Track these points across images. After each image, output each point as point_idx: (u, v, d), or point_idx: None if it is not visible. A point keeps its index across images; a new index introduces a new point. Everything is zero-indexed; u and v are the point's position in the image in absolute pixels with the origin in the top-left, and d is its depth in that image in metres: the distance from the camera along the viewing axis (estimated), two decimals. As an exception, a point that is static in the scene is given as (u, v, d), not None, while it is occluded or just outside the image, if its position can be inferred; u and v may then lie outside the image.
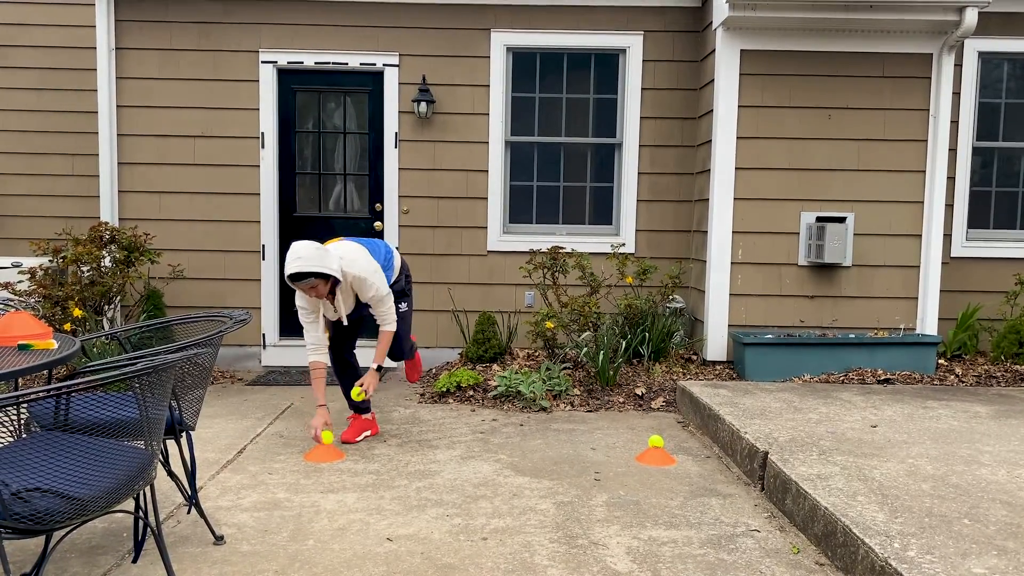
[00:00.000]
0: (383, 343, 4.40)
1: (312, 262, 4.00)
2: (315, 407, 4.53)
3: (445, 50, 6.44)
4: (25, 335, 2.94)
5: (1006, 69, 6.37)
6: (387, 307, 4.37)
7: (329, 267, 4.06)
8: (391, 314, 4.39)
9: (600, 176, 6.65)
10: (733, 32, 5.81)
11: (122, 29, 6.38)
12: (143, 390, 2.44)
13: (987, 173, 6.46)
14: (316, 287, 4.08)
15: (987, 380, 5.63)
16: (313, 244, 4.07)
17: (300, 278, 4.01)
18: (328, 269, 4.05)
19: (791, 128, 5.91)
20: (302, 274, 4.00)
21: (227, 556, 3.02)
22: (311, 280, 4.03)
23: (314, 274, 4.02)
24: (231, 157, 6.47)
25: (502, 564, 2.97)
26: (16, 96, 7.15)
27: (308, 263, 3.99)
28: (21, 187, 7.19)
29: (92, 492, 2.29)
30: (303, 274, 4.00)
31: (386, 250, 4.56)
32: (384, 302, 4.35)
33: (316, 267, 4.00)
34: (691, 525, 3.36)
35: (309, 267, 3.99)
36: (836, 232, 5.77)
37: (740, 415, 4.47)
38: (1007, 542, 2.76)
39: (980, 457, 3.76)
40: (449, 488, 3.79)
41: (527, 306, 6.59)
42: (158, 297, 6.24)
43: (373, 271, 4.29)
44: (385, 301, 4.35)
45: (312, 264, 3.99)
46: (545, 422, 5.02)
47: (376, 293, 4.29)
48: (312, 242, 4.09)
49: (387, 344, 4.41)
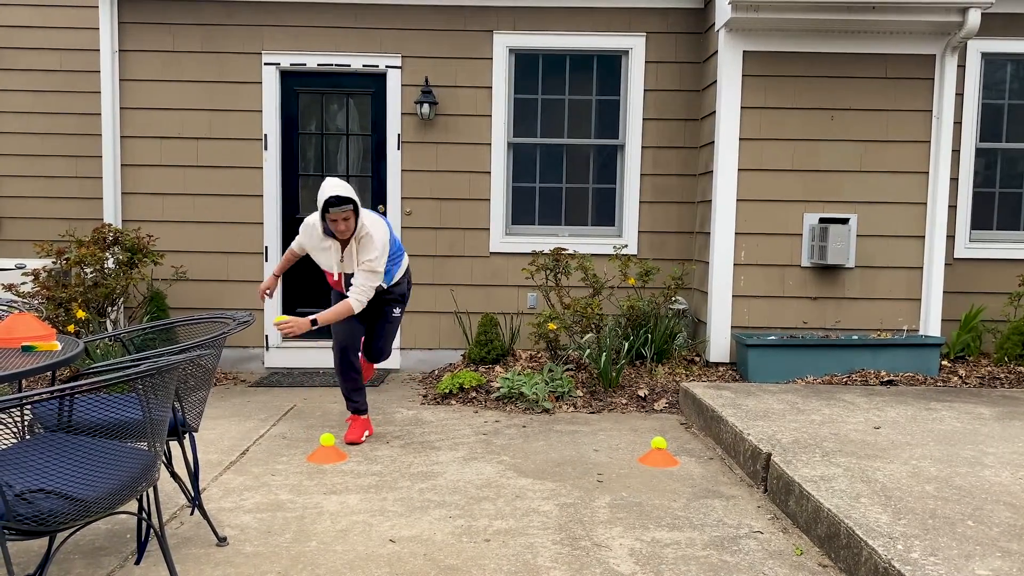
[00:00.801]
0: (340, 310, 4.21)
1: (349, 191, 4.17)
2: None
3: (448, 52, 6.45)
4: (29, 337, 2.95)
5: (1009, 70, 6.36)
6: (368, 283, 4.27)
7: (358, 204, 4.24)
8: (364, 292, 4.27)
9: (602, 177, 6.65)
10: (735, 33, 5.81)
11: (125, 31, 6.39)
12: (146, 392, 2.44)
13: (990, 174, 6.45)
14: (348, 219, 4.19)
15: (991, 381, 5.62)
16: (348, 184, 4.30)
17: (340, 202, 4.12)
18: (359, 204, 4.23)
19: (794, 129, 5.91)
20: (343, 198, 4.12)
21: (230, 557, 3.02)
22: (348, 208, 4.15)
23: (352, 201, 4.15)
24: (234, 159, 6.48)
25: (505, 566, 2.97)
26: (19, 98, 7.17)
27: (348, 190, 4.17)
28: (24, 189, 7.21)
29: (95, 493, 2.30)
30: (345, 198, 4.12)
31: (399, 247, 4.62)
32: (370, 277, 4.28)
33: (349, 194, 4.16)
34: (694, 527, 3.36)
35: (349, 193, 4.16)
36: (839, 233, 5.77)
37: (743, 417, 4.47)
38: (1011, 544, 2.75)
39: (984, 459, 3.75)
40: (452, 489, 3.78)
41: (530, 307, 6.59)
42: (161, 299, 6.25)
43: (383, 240, 4.35)
44: (372, 277, 4.28)
45: (347, 191, 4.16)
46: (548, 423, 5.02)
47: (374, 260, 4.28)
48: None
49: (340, 314, 4.22)
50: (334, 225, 4.21)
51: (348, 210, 4.16)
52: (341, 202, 4.13)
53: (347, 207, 4.14)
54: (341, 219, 4.17)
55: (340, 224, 4.20)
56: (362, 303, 4.28)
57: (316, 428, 4.85)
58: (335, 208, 4.14)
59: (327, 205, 4.14)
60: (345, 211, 4.15)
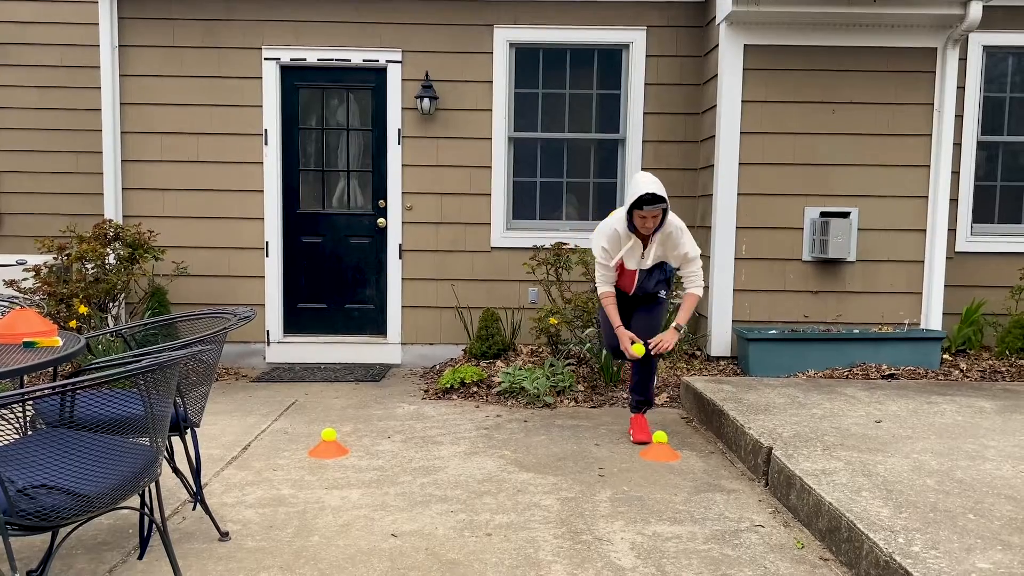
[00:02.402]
0: (688, 304, 4.35)
1: (661, 188, 4.08)
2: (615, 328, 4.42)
3: (448, 46, 6.44)
4: (30, 333, 2.95)
5: (1011, 63, 6.35)
6: (697, 267, 4.35)
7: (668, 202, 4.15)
8: (699, 277, 4.36)
9: (603, 172, 6.64)
10: (736, 27, 5.80)
11: (125, 27, 6.38)
12: (148, 387, 2.44)
13: (992, 167, 6.44)
14: (656, 217, 4.14)
15: (992, 375, 5.62)
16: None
17: (654, 200, 4.04)
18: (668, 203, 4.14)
19: (795, 123, 5.89)
20: (659, 196, 4.04)
21: (232, 552, 3.03)
22: (660, 206, 4.09)
23: (665, 201, 4.08)
24: (234, 154, 6.48)
25: (506, 560, 2.97)
26: (20, 94, 7.16)
27: (662, 188, 4.07)
28: (25, 185, 7.21)
29: (97, 489, 2.30)
30: (660, 197, 4.04)
31: None
32: (695, 262, 4.34)
33: (663, 192, 4.07)
34: (695, 520, 3.36)
35: (663, 192, 4.06)
36: (840, 227, 5.76)
37: (744, 411, 4.47)
38: (1012, 537, 2.76)
39: (985, 452, 3.75)
40: (453, 484, 3.79)
41: (531, 302, 6.59)
42: (162, 294, 6.25)
43: (685, 228, 4.31)
44: (696, 261, 4.34)
45: (661, 190, 4.07)
46: (549, 418, 5.03)
47: (689, 251, 4.30)
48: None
49: (692, 306, 4.37)
50: (642, 222, 4.16)
51: (660, 209, 4.10)
52: (656, 200, 4.05)
53: (660, 205, 4.07)
54: (651, 216, 4.12)
55: (648, 221, 4.15)
56: (700, 286, 4.37)
57: (318, 423, 4.86)
58: (649, 206, 4.07)
59: (641, 202, 4.07)
60: (656, 210, 4.10)
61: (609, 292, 4.41)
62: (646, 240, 4.30)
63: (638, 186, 4.10)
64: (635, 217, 4.16)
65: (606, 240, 4.32)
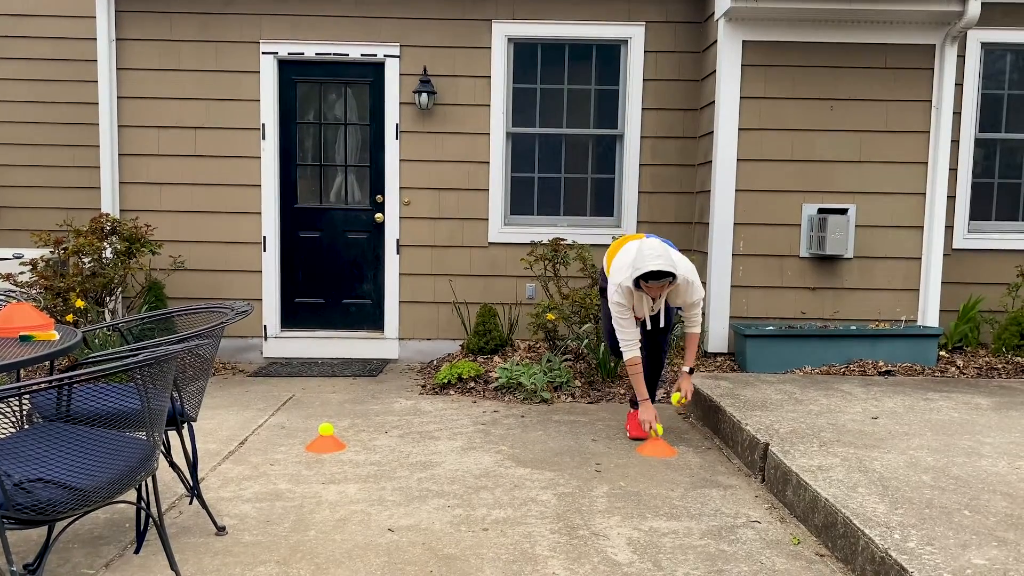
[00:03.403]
0: (692, 346, 4.43)
1: (669, 262, 3.97)
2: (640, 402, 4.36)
3: (446, 41, 6.42)
4: (27, 326, 2.94)
5: (1009, 60, 6.34)
6: (699, 310, 4.36)
7: (676, 267, 4.05)
8: (699, 317, 4.40)
9: (601, 168, 6.64)
10: (735, 23, 5.79)
11: (122, 20, 6.36)
12: (145, 381, 2.44)
13: (989, 165, 6.44)
14: (663, 287, 4.09)
15: (988, 372, 5.63)
16: (660, 242, 4.09)
17: (661, 275, 3.98)
18: (676, 269, 4.03)
19: (793, 119, 5.89)
20: (664, 272, 3.96)
21: (229, 547, 3.03)
22: (668, 279, 4.02)
23: (671, 274, 4.00)
24: (232, 148, 6.46)
25: (503, 555, 2.98)
26: (16, 87, 7.14)
27: (667, 263, 3.96)
28: (22, 178, 7.19)
29: (94, 483, 2.30)
30: (665, 272, 3.97)
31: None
32: (698, 305, 4.33)
33: (671, 267, 3.97)
34: (692, 516, 3.37)
35: (668, 267, 3.96)
36: (838, 224, 5.76)
37: (741, 406, 4.48)
38: (1007, 533, 2.77)
39: (981, 449, 3.76)
40: (450, 479, 3.79)
41: (528, 298, 6.59)
42: (159, 288, 6.24)
43: (696, 277, 4.26)
44: (699, 305, 4.34)
45: (669, 264, 3.96)
46: (546, 413, 5.03)
47: (697, 297, 4.28)
48: (657, 240, 4.13)
49: (695, 345, 4.45)
50: (649, 290, 4.11)
51: (664, 282, 4.04)
52: (663, 275, 3.98)
53: (664, 280, 4.02)
54: (658, 287, 4.07)
55: (654, 291, 4.11)
56: (699, 324, 4.41)
57: (315, 418, 4.86)
58: (654, 281, 4.02)
59: (648, 276, 3.98)
60: (664, 283, 4.04)
61: (636, 359, 4.28)
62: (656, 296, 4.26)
63: (645, 261, 3.96)
64: (643, 286, 4.08)
65: (621, 297, 4.19)
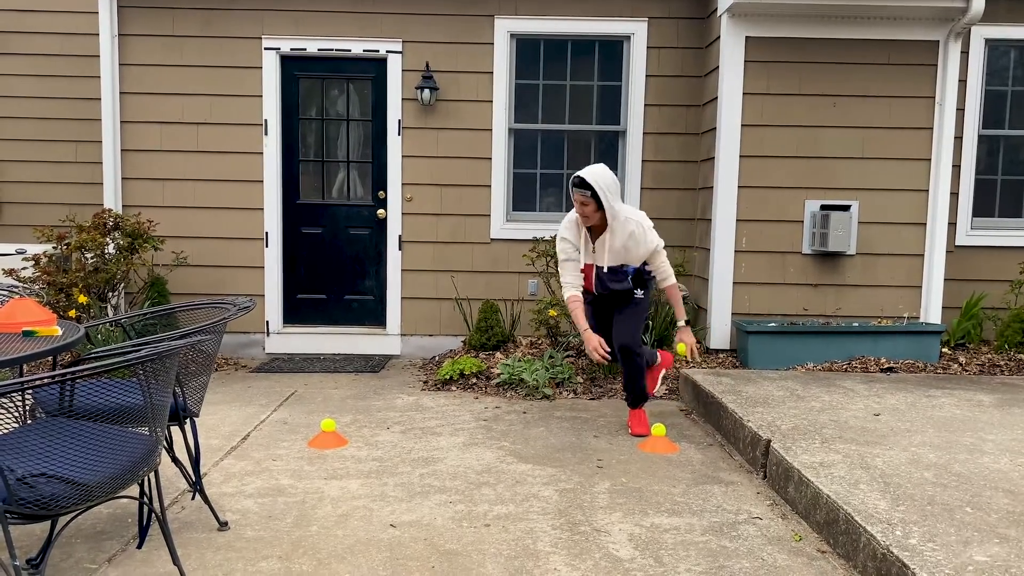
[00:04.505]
0: (674, 298, 4.44)
1: (597, 179, 4.08)
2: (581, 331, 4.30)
3: (449, 37, 6.42)
4: (29, 322, 2.95)
5: (1013, 56, 6.33)
6: (663, 258, 4.34)
7: (606, 193, 4.09)
8: (668, 267, 4.37)
9: (604, 164, 6.62)
10: (738, 19, 5.78)
11: (125, 15, 6.36)
12: (147, 377, 2.44)
13: (992, 161, 6.43)
14: (586, 205, 4.13)
15: (991, 369, 5.62)
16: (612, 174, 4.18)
17: (580, 184, 4.09)
18: (603, 193, 4.08)
19: (796, 116, 5.88)
20: (584, 181, 4.07)
21: (231, 542, 3.03)
22: (586, 193, 4.09)
23: (592, 189, 4.07)
24: (234, 144, 6.46)
25: (505, 550, 2.98)
26: (19, 83, 7.14)
27: (593, 177, 4.08)
28: (25, 174, 7.19)
29: (97, 478, 2.30)
30: (585, 182, 4.07)
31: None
32: (660, 254, 4.33)
33: (596, 184, 4.06)
34: (693, 512, 3.37)
35: (591, 180, 4.07)
36: (840, 220, 5.75)
37: (743, 403, 4.48)
38: (1009, 530, 2.76)
39: (983, 445, 3.76)
40: (452, 475, 3.80)
41: (530, 294, 6.59)
42: (162, 284, 6.25)
43: (650, 225, 4.28)
44: (661, 253, 4.32)
45: (596, 181, 4.07)
46: (548, 410, 5.03)
47: (652, 246, 4.27)
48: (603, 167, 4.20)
49: (678, 296, 4.44)
50: (578, 207, 4.17)
51: (583, 196, 4.11)
52: (582, 184, 4.09)
53: (583, 192, 4.10)
54: (580, 202, 4.14)
55: (580, 207, 4.16)
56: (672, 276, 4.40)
57: (317, 413, 4.87)
58: (575, 188, 4.12)
59: (574, 182, 4.13)
60: (581, 195, 4.11)
61: (575, 296, 4.30)
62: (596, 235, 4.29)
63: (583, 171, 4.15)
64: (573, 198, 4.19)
65: (565, 229, 4.34)
